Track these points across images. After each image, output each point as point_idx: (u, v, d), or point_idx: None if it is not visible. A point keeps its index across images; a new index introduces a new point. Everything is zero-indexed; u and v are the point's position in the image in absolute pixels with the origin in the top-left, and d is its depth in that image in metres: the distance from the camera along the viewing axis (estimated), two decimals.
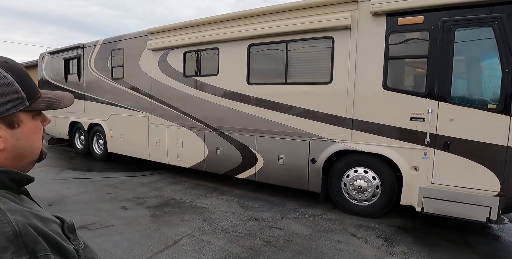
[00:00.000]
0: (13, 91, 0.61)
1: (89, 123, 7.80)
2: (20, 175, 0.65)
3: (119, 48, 6.87)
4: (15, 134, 0.63)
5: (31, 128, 0.66)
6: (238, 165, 5.16)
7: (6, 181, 0.62)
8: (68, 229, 0.65)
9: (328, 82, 4.27)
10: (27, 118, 0.65)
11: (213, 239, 3.45)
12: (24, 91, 0.63)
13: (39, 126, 0.69)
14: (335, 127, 4.25)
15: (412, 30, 3.79)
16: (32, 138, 0.67)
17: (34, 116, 0.67)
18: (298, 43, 4.51)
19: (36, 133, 0.68)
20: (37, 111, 0.68)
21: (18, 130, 0.63)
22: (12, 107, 0.61)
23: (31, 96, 0.65)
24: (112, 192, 5.18)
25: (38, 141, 0.69)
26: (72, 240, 0.64)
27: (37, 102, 0.66)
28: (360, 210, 4.23)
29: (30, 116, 0.66)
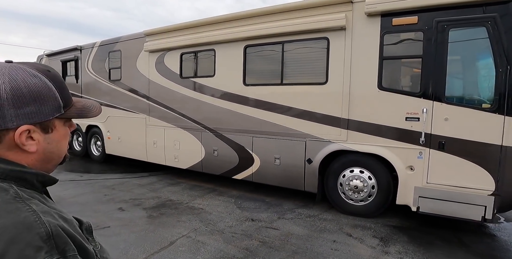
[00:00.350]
0: (53, 99, 0.66)
1: (87, 125, 7.81)
2: (48, 177, 0.70)
3: (116, 50, 6.89)
4: (48, 138, 0.68)
5: (62, 134, 0.71)
6: (235, 165, 5.17)
7: (35, 182, 0.67)
8: (86, 230, 0.69)
9: (324, 83, 4.29)
10: (60, 124, 0.70)
11: (209, 240, 3.45)
12: (61, 100, 0.68)
13: (67, 132, 0.74)
14: (330, 127, 4.27)
15: (407, 31, 3.81)
16: (61, 142, 0.72)
17: (65, 123, 0.72)
18: (293, 44, 4.53)
19: (65, 138, 0.73)
20: (69, 118, 0.73)
21: (51, 134, 0.68)
22: (50, 114, 0.66)
23: (66, 104, 0.69)
24: (109, 193, 5.19)
25: (65, 146, 0.74)
26: (90, 241, 0.67)
27: (70, 110, 0.71)
28: (356, 210, 4.24)
29: (62, 122, 0.71)
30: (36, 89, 0.64)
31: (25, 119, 0.62)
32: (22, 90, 0.62)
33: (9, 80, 0.62)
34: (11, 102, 0.61)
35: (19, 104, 0.62)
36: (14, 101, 0.61)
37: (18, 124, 0.62)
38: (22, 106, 0.62)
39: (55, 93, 0.66)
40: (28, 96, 0.63)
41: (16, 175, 0.63)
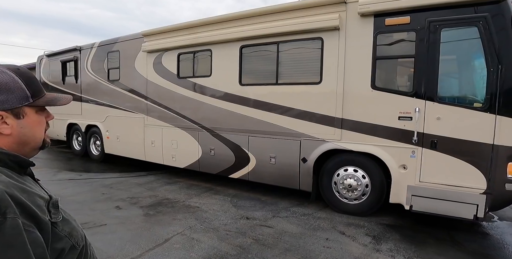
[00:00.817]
0: (20, 90, 0.79)
1: (86, 125, 7.88)
2: (20, 158, 0.81)
3: (115, 50, 6.95)
4: (20, 123, 0.81)
5: (34, 120, 0.83)
6: (231, 164, 5.22)
7: (8, 161, 0.77)
8: (52, 204, 0.78)
9: (318, 83, 4.33)
10: (31, 112, 0.82)
11: (203, 238, 3.50)
12: (28, 91, 0.81)
13: (42, 120, 0.86)
14: (325, 127, 4.31)
15: (399, 31, 3.85)
16: (35, 128, 0.84)
17: (37, 111, 0.84)
18: (288, 44, 4.57)
19: (39, 124, 0.85)
20: (40, 107, 0.85)
21: (22, 120, 0.81)
22: (18, 102, 0.79)
23: (34, 95, 0.82)
24: (107, 192, 5.25)
25: (40, 132, 0.86)
26: (52, 213, 0.76)
27: (39, 100, 0.84)
28: (350, 208, 4.28)
29: (33, 110, 0.83)
30: (4, 82, 0.77)
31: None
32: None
33: None
34: None
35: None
36: None
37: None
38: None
39: (22, 85, 0.80)
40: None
41: None
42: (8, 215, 0.63)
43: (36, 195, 0.75)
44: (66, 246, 0.76)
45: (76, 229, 0.83)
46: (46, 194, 0.81)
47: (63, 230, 0.77)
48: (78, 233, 0.82)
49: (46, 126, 0.89)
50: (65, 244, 0.76)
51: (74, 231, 0.81)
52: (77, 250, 0.80)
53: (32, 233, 0.67)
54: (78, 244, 0.80)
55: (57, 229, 0.75)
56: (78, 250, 0.81)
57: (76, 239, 0.80)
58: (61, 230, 0.76)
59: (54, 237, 0.73)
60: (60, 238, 0.75)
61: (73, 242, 0.78)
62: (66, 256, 0.76)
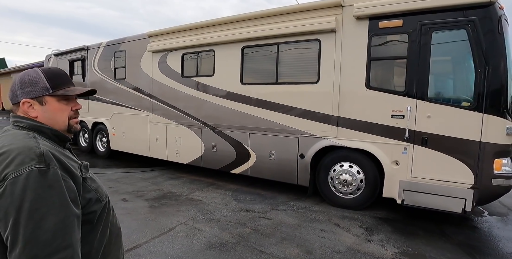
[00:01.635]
0: (42, 83, 1.03)
1: (93, 122, 8.13)
2: (59, 133, 1.06)
3: (121, 50, 7.19)
4: (43, 109, 1.04)
5: (55, 107, 1.05)
6: (233, 160, 5.44)
7: (51, 135, 1.03)
8: (84, 167, 1.04)
9: (315, 82, 4.54)
10: (53, 100, 1.04)
11: (205, 227, 3.72)
12: (49, 84, 1.04)
13: (63, 107, 1.07)
14: (322, 124, 4.51)
15: (393, 33, 4.04)
16: (56, 113, 1.05)
17: (59, 100, 1.05)
18: (287, 45, 4.78)
19: (60, 111, 1.06)
20: (62, 97, 1.06)
21: (45, 106, 1.04)
22: (41, 92, 1.03)
23: (55, 87, 1.04)
24: (114, 186, 5.49)
25: (61, 117, 1.07)
26: (83, 172, 1.01)
27: (57, 91, 1.05)
28: (346, 202, 4.48)
29: (55, 99, 1.04)
30: (32, 78, 1.04)
31: (25, 95, 1.03)
32: (25, 79, 1.04)
33: (20, 75, 1.07)
34: (18, 86, 1.04)
35: (22, 87, 1.03)
36: (20, 85, 1.04)
37: (22, 98, 1.03)
38: (24, 87, 1.03)
39: (44, 80, 1.04)
40: (27, 82, 1.03)
41: (36, 128, 1.02)
42: (51, 166, 0.88)
43: (71, 159, 1.01)
44: (93, 197, 1.01)
45: (101, 187, 1.07)
46: (79, 161, 1.07)
47: (91, 186, 1.02)
48: (103, 191, 1.07)
49: (73, 113, 1.11)
50: (92, 196, 1.01)
51: (100, 189, 1.06)
52: (101, 204, 1.04)
53: (67, 181, 0.91)
54: (102, 199, 1.04)
55: (86, 183, 1.00)
56: (102, 204, 1.04)
57: (100, 194, 1.04)
58: (89, 185, 1.01)
59: (84, 189, 0.98)
60: (89, 191, 1.00)
61: (98, 196, 1.03)
62: (93, 206, 1.00)
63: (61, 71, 1.10)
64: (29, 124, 1.01)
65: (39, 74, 1.03)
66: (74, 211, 0.89)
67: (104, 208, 1.05)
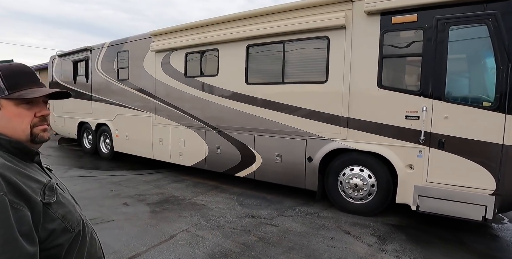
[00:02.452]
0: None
1: (96, 123, 8.03)
2: (22, 145, 0.85)
3: (124, 50, 7.06)
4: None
5: (12, 112, 0.84)
6: (237, 163, 5.25)
7: (9, 147, 0.82)
8: (48, 188, 0.82)
9: (324, 82, 4.32)
10: (9, 104, 0.83)
11: (208, 235, 3.54)
12: (4, 84, 0.83)
13: (22, 113, 0.85)
14: (331, 126, 4.29)
15: (406, 29, 3.81)
16: (13, 119, 0.84)
17: (17, 104, 0.84)
18: (294, 43, 4.57)
19: (18, 117, 0.85)
20: (20, 100, 0.84)
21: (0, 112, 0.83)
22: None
23: (11, 88, 0.83)
24: (115, 189, 5.34)
25: (20, 125, 0.85)
26: (46, 195, 0.80)
27: (14, 93, 0.84)
28: (356, 208, 4.25)
29: (12, 103, 0.84)
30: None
31: None
32: None
33: None
34: None
35: None
36: None
37: None
38: None
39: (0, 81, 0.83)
40: None
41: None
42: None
43: (31, 179, 0.80)
44: (58, 227, 0.79)
45: (72, 213, 0.85)
46: (46, 179, 0.85)
47: (57, 212, 0.80)
48: (74, 217, 0.85)
49: (38, 120, 0.89)
50: (57, 226, 0.79)
51: (69, 215, 0.84)
52: (71, 234, 0.83)
53: (19, 210, 0.71)
54: (72, 228, 0.83)
55: (50, 210, 0.79)
56: (73, 234, 0.83)
57: (70, 223, 0.83)
58: (54, 211, 0.80)
59: (46, 217, 0.77)
60: (53, 219, 0.79)
61: (66, 225, 0.81)
62: (58, 238, 0.79)
63: (24, 68, 0.90)
64: None
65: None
66: (25, 249, 0.69)
67: (76, 238, 0.85)
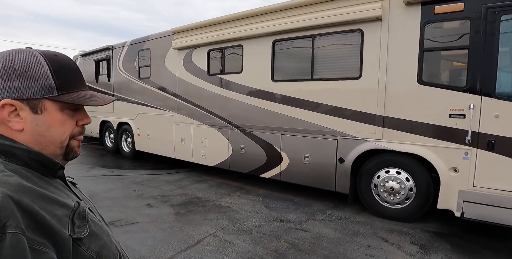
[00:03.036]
0: (44, 78, 0.64)
1: (118, 122, 8.03)
2: (43, 157, 0.66)
3: (145, 48, 6.99)
4: (37, 119, 0.65)
5: (55, 119, 0.67)
6: (263, 164, 5.05)
7: (27, 159, 0.63)
8: (78, 214, 0.63)
9: (357, 78, 4.05)
10: (53, 108, 0.66)
11: (237, 240, 3.36)
12: (55, 81, 0.65)
13: (67, 120, 0.69)
14: (365, 125, 4.02)
15: (451, 19, 3.49)
16: (54, 128, 0.67)
17: (63, 109, 0.68)
18: (324, 37, 4.31)
19: (60, 125, 0.68)
20: (69, 105, 0.68)
21: (40, 116, 0.65)
22: (38, 93, 0.64)
23: (62, 88, 0.66)
24: (138, 189, 5.26)
25: (62, 135, 0.69)
26: (76, 226, 0.61)
27: (66, 95, 0.67)
28: (392, 213, 3.97)
29: (57, 107, 0.67)
30: (27, 65, 0.63)
31: (10, 93, 0.62)
32: (13, 65, 0.63)
33: (7, 56, 0.64)
34: (1, 75, 0.62)
35: (7, 78, 0.62)
36: (3, 74, 0.62)
37: (2, 98, 0.62)
38: (10, 80, 0.62)
39: (47, 73, 0.65)
40: (17, 71, 0.63)
41: (4, 149, 0.62)
42: (8, 229, 0.49)
43: (56, 202, 0.61)
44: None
45: (108, 246, 0.66)
46: (74, 201, 0.65)
47: (90, 249, 0.61)
48: (110, 252, 0.66)
49: (78, 130, 0.73)
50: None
51: (105, 250, 0.65)
52: None
53: (43, 253, 0.52)
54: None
55: (82, 247, 0.60)
56: None
57: None
58: (87, 248, 0.61)
59: (77, 257, 0.58)
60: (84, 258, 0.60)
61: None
62: None
63: (71, 63, 0.71)
64: None
65: (39, 61, 0.64)
66: None
67: None
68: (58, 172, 0.70)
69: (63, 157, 0.71)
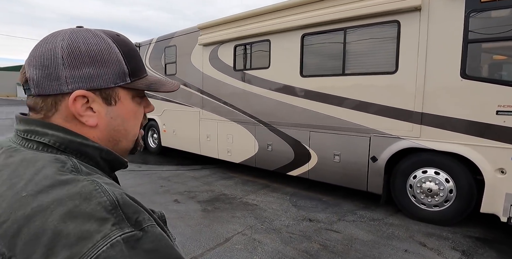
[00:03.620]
0: (116, 64, 0.56)
1: None
2: (114, 156, 0.59)
3: (171, 45, 7.03)
4: (111, 112, 0.58)
5: (129, 109, 0.60)
6: (290, 161, 4.94)
7: (99, 159, 0.57)
8: (160, 219, 0.54)
9: (393, 72, 3.83)
10: (126, 97, 0.59)
11: (266, 239, 3.28)
12: (127, 66, 0.58)
13: (139, 111, 0.63)
14: (400, 122, 3.81)
15: (500, 7, 3.19)
16: (129, 120, 0.61)
17: (134, 98, 0.61)
18: (357, 30, 4.11)
19: (134, 116, 0.62)
20: (138, 92, 0.62)
21: (114, 107, 0.58)
22: (112, 81, 0.56)
23: (134, 73, 0.59)
24: (165, 185, 5.31)
25: (135, 127, 0.63)
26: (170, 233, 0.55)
27: (139, 81, 0.60)
28: (429, 216, 3.74)
29: (129, 96, 0.60)
30: (97, 49, 0.54)
31: (81, 83, 0.53)
32: (80, 49, 0.53)
33: (69, 37, 0.54)
34: (67, 61, 0.52)
35: (76, 64, 0.53)
36: (71, 60, 0.52)
37: (74, 89, 0.53)
38: (79, 67, 0.53)
39: (120, 58, 0.56)
40: (86, 56, 0.53)
41: (76, 147, 0.54)
42: (144, 223, 0.44)
43: None
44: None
45: None
46: None
47: None
48: None
49: (143, 120, 0.66)
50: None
51: None
52: None
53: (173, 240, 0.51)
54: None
55: None
56: None
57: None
58: None
59: None
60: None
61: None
62: None
63: (132, 44, 0.62)
64: (62, 140, 0.53)
65: (108, 43, 0.56)
66: None
67: None
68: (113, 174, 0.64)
69: (130, 151, 0.65)
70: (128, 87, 0.58)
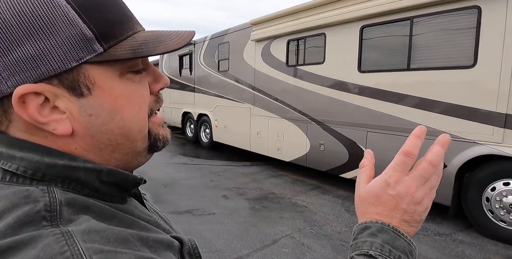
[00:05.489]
0: (67, 26, 0.34)
1: (198, 113, 8.42)
2: (121, 175, 0.40)
3: (225, 42, 7.09)
4: (87, 106, 0.37)
5: (117, 94, 0.38)
6: (344, 163, 4.64)
7: (97, 184, 0.38)
8: (188, 254, 0.41)
9: (471, 66, 3.32)
10: (106, 76, 0.37)
11: (315, 245, 3.10)
12: (89, 26, 0.35)
13: (135, 90, 0.40)
14: (477, 124, 3.30)
15: None
16: (122, 111, 0.39)
17: (122, 75, 0.39)
18: (426, 19, 3.65)
19: (128, 101, 0.39)
20: (126, 64, 0.39)
21: (90, 98, 0.37)
22: (70, 57, 0.34)
23: (106, 35, 0.36)
24: (215, 179, 5.39)
25: (137, 117, 0.41)
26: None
27: (119, 46, 0.37)
28: (510, 236, 3.20)
29: (111, 73, 0.38)
30: (28, 11, 0.32)
31: (22, 72, 0.33)
32: (6, 18, 0.32)
33: None
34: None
35: (3, 45, 0.32)
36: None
37: (15, 85, 0.33)
38: (10, 47, 0.32)
39: (71, 15, 0.34)
40: (15, 27, 0.32)
41: (58, 174, 0.36)
42: None
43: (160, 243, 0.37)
44: None
45: None
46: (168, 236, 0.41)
47: None
48: None
49: (155, 101, 0.45)
50: None
51: None
52: None
53: None
54: None
55: None
56: None
57: None
58: None
59: None
60: None
61: None
62: None
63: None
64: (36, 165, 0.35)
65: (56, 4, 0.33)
66: None
67: None
68: (132, 191, 0.46)
69: (148, 151, 0.44)
70: (102, 60, 0.36)
